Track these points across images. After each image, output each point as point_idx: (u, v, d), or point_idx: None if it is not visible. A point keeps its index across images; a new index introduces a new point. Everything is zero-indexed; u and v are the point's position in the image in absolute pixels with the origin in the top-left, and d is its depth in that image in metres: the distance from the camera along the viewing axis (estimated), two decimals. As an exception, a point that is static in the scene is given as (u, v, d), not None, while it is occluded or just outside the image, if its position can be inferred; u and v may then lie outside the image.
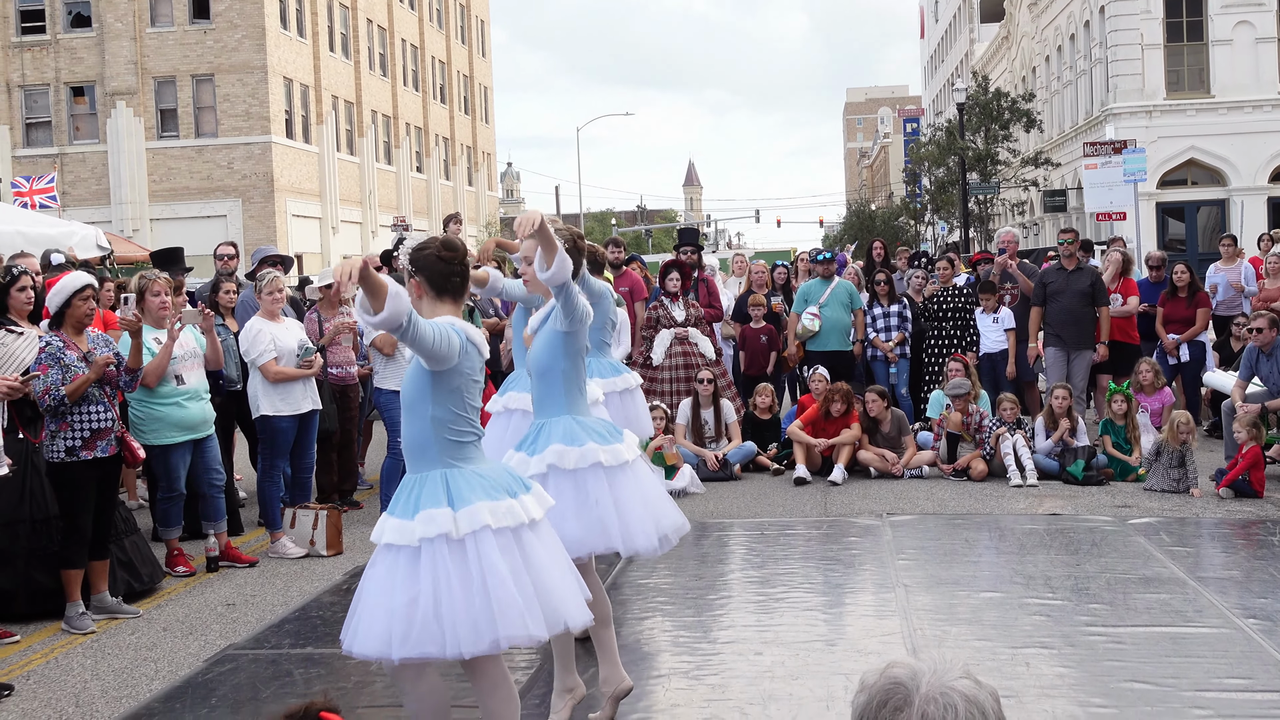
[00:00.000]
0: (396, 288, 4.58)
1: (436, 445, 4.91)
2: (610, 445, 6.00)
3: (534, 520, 4.95)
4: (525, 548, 4.87)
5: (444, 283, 5.05)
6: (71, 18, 46.48)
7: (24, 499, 8.46)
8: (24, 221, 15.83)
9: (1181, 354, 14.69)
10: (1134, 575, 8.66)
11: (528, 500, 4.97)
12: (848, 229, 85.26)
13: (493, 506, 4.82)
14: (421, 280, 5.04)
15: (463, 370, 4.88)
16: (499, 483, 4.93)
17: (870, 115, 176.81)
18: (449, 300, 5.07)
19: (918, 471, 12.99)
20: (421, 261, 5.04)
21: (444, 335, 4.75)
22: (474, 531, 4.75)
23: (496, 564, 4.74)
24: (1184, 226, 39.37)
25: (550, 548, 5.02)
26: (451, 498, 4.82)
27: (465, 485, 4.85)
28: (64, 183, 42.69)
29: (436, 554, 4.73)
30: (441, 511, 4.77)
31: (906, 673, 2.16)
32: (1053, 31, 50.11)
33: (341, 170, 51.67)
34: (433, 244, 5.07)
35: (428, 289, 5.05)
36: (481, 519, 4.77)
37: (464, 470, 4.90)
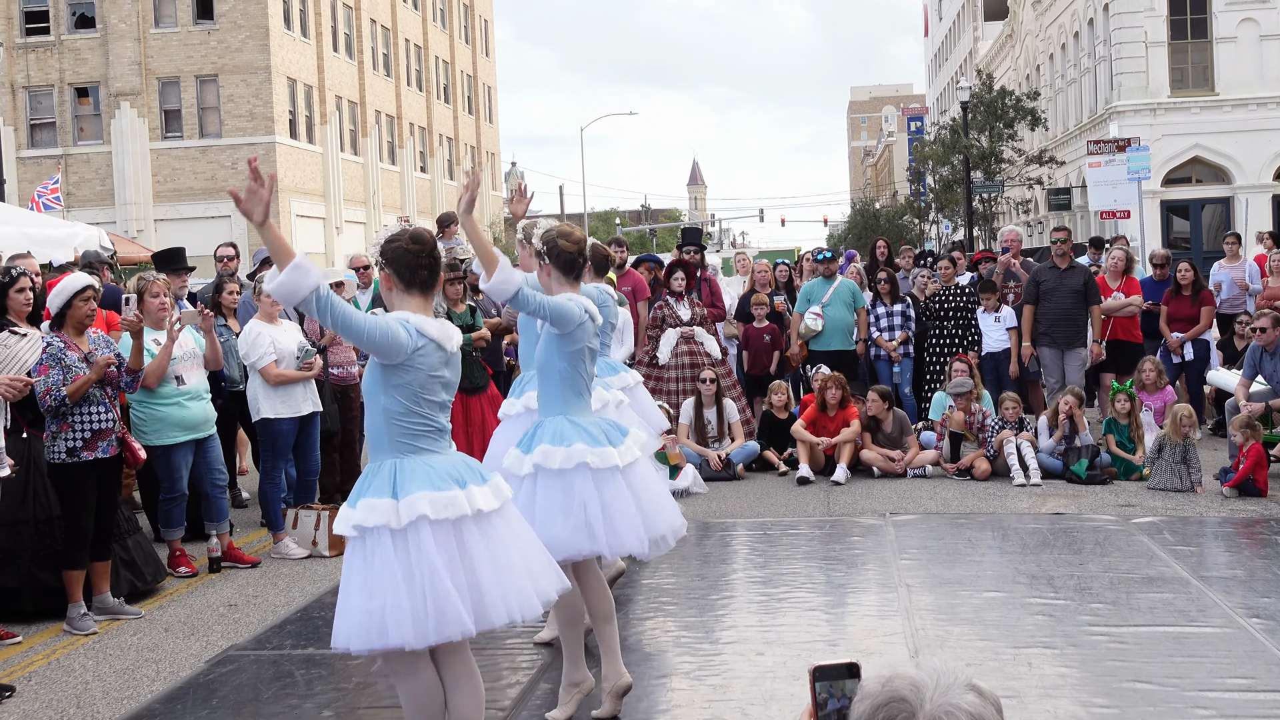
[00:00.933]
0: (304, 259, 4.69)
1: (388, 436, 4.93)
2: (601, 447, 5.96)
3: (480, 511, 4.89)
4: (465, 540, 4.84)
5: (412, 275, 5.03)
6: (75, 18, 46.53)
7: (27, 499, 8.46)
8: (27, 222, 15.84)
9: (1186, 352, 14.66)
10: (1137, 575, 8.65)
11: (478, 491, 4.93)
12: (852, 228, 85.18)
13: (433, 497, 4.80)
14: (390, 273, 5.05)
15: (416, 365, 4.88)
16: (448, 473, 4.90)
17: (874, 113, 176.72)
18: (417, 293, 5.05)
19: (921, 471, 12.98)
20: (391, 254, 5.04)
21: (383, 327, 4.80)
22: (412, 522, 4.75)
23: (432, 557, 4.73)
24: (1188, 224, 39.31)
25: (498, 540, 4.95)
26: (395, 488, 4.82)
27: (409, 475, 4.85)
28: (68, 184, 42.76)
29: (380, 545, 4.76)
30: (383, 501, 4.79)
31: (909, 687, 2.12)
32: (1056, 29, 50.06)
33: (345, 170, 51.69)
34: (401, 237, 5.07)
35: (396, 281, 5.05)
36: (419, 509, 4.76)
37: (412, 460, 4.90)
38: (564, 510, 5.89)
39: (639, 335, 14.58)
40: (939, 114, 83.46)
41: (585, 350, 6.15)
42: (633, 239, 71.80)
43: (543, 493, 5.87)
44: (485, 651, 7.13)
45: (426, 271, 5.06)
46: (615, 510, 5.96)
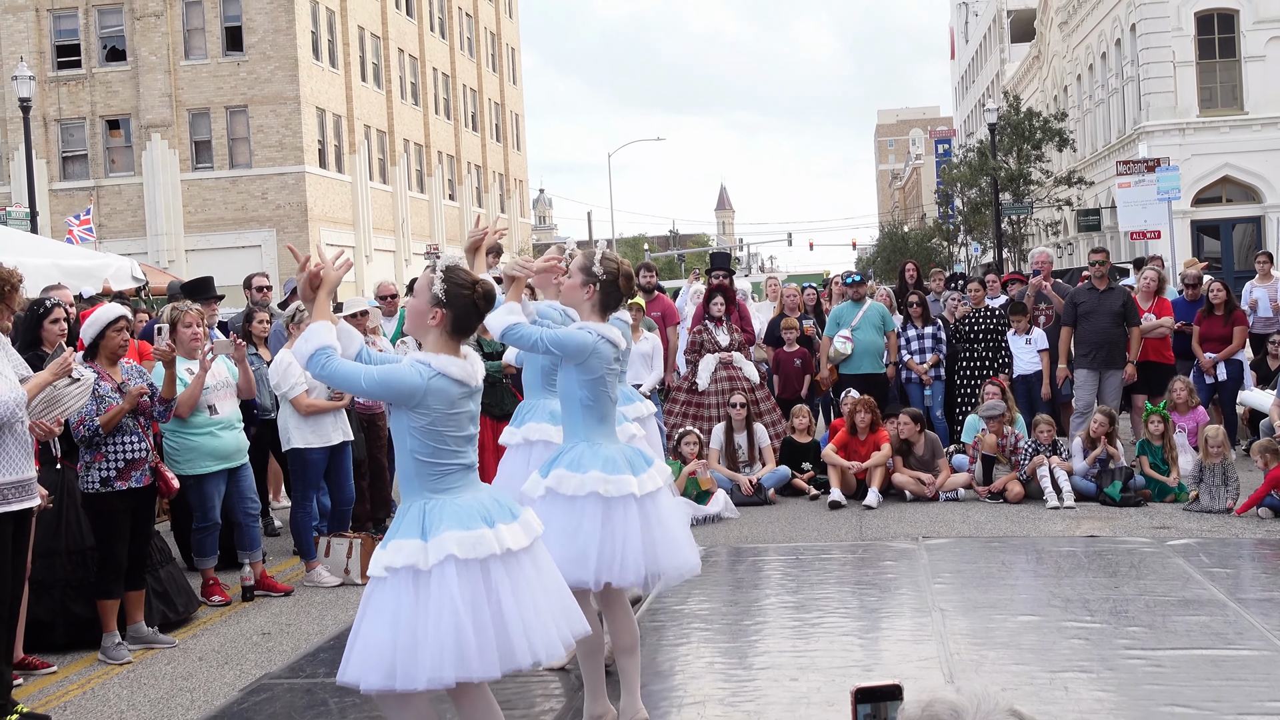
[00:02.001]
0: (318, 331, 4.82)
1: (417, 477, 4.95)
2: (618, 475, 5.94)
3: (510, 550, 4.89)
4: (491, 580, 4.82)
5: (467, 324, 5.06)
6: (106, 52, 46.93)
7: (60, 530, 8.50)
8: (60, 254, 15.95)
9: (1219, 373, 14.57)
10: (1173, 597, 8.58)
11: (507, 530, 4.92)
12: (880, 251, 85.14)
13: (461, 537, 4.80)
14: (447, 314, 5.01)
15: (430, 408, 4.87)
16: (477, 512, 4.90)
17: (902, 136, 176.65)
18: (460, 339, 5.07)
19: (953, 494, 12.92)
20: (457, 299, 5.01)
21: (385, 384, 4.86)
22: (439, 562, 4.75)
23: (454, 598, 4.72)
24: (1219, 244, 39.14)
25: (525, 580, 4.94)
26: (425, 528, 4.83)
27: (438, 515, 4.85)
28: (100, 215, 43.09)
29: (403, 585, 4.76)
30: (411, 543, 4.80)
31: (949, 711, 2.11)
32: (1084, 50, 49.98)
33: (374, 199, 51.92)
34: (469, 285, 5.03)
35: (449, 324, 5.02)
36: (446, 548, 4.77)
37: (442, 500, 4.91)
38: (568, 537, 5.87)
39: (669, 360, 14.60)
40: (966, 136, 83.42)
41: (605, 378, 6.12)
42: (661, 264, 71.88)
43: (545, 517, 5.81)
44: (519, 678, 7.12)
45: (479, 323, 5.14)
46: (619, 541, 5.93)
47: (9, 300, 7.15)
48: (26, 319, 8.48)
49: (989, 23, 78.25)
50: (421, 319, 5.04)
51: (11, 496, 7.05)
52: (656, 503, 6.08)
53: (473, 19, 66.68)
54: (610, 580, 5.93)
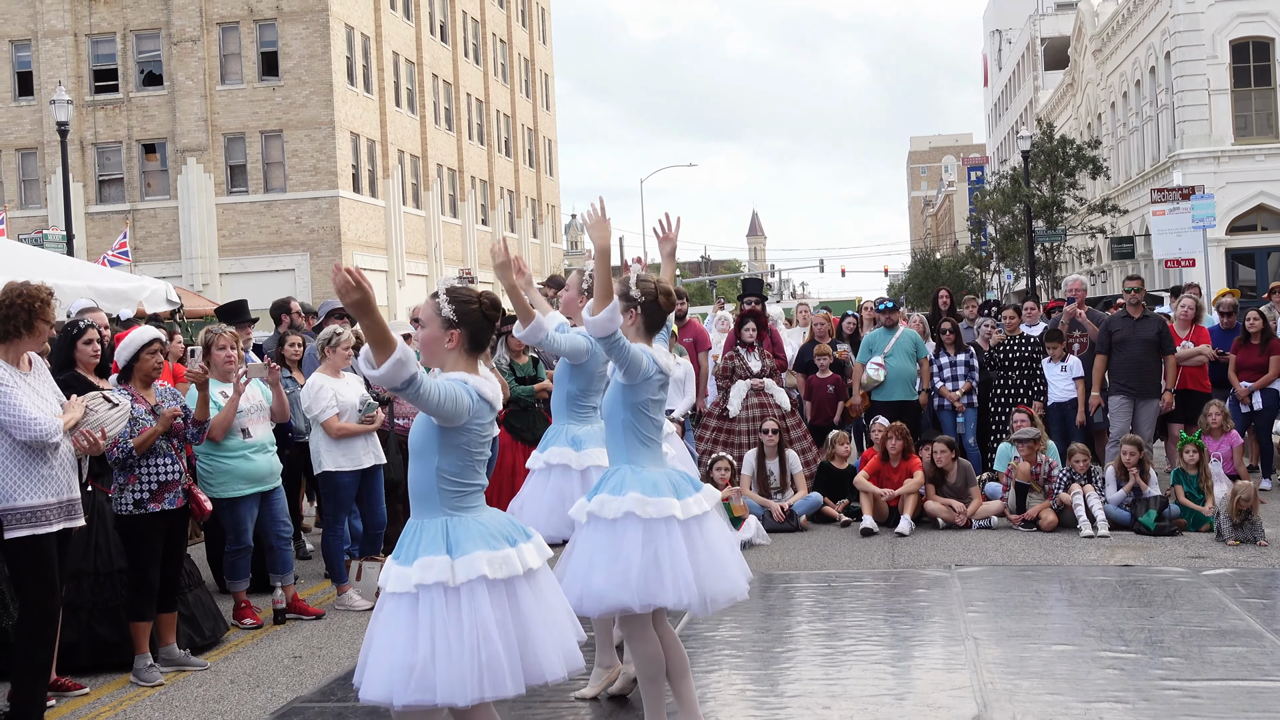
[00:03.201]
0: (404, 351, 4.66)
1: (439, 494, 4.97)
2: (659, 498, 5.95)
3: (530, 570, 4.99)
4: (518, 599, 4.92)
5: (482, 339, 5.11)
6: (143, 76, 47.36)
7: (89, 551, 8.52)
8: (95, 276, 16.04)
9: (1255, 402, 14.46)
10: (1209, 627, 8.51)
11: (526, 549, 5.01)
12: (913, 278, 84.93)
13: (490, 556, 4.87)
14: (462, 333, 5.06)
15: (471, 427, 4.95)
16: (499, 531, 4.99)
17: (934, 163, 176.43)
18: (476, 356, 5.12)
19: (986, 522, 12.85)
20: (468, 316, 5.06)
21: (452, 396, 4.85)
22: (469, 581, 4.82)
23: (486, 617, 4.79)
24: (1254, 272, 38.91)
25: (542, 598, 5.03)
26: (450, 545, 4.88)
27: (464, 534, 4.91)
28: (135, 238, 43.42)
29: (434, 602, 4.80)
30: (439, 559, 4.84)
31: None
32: (1118, 78, 49.87)
33: (408, 223, 52.14)
34: (476, 299, 5.08)
35: (464, 342, 5.07)
36: (479, 569, 4.83)
37: (464, 518, 4.96)
38: (610, 560, 5.89)
39: (700, 386, 14.58)
40: (999, 163, 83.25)
41: (650, 401, 6.13)
42: (693, 290, 71.87)
43: (589, 542, 5.91)
44: (549, 704, 7.11)
45: (495, 336, 5.13)
46: (662, 563, 5.89)
47: (43, 315, 7.17)
48: (60, 340, 8.52)
49: (1022, 50, 78.17)
50: (438, 345, 5.09)
51: (54, 517, 7.10)
52: (704, 526, 6.06)
53: (507, 45, 67.00)
54: (655, 603, 5.89)
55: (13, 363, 7.10)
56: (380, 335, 4.67)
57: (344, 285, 4.56)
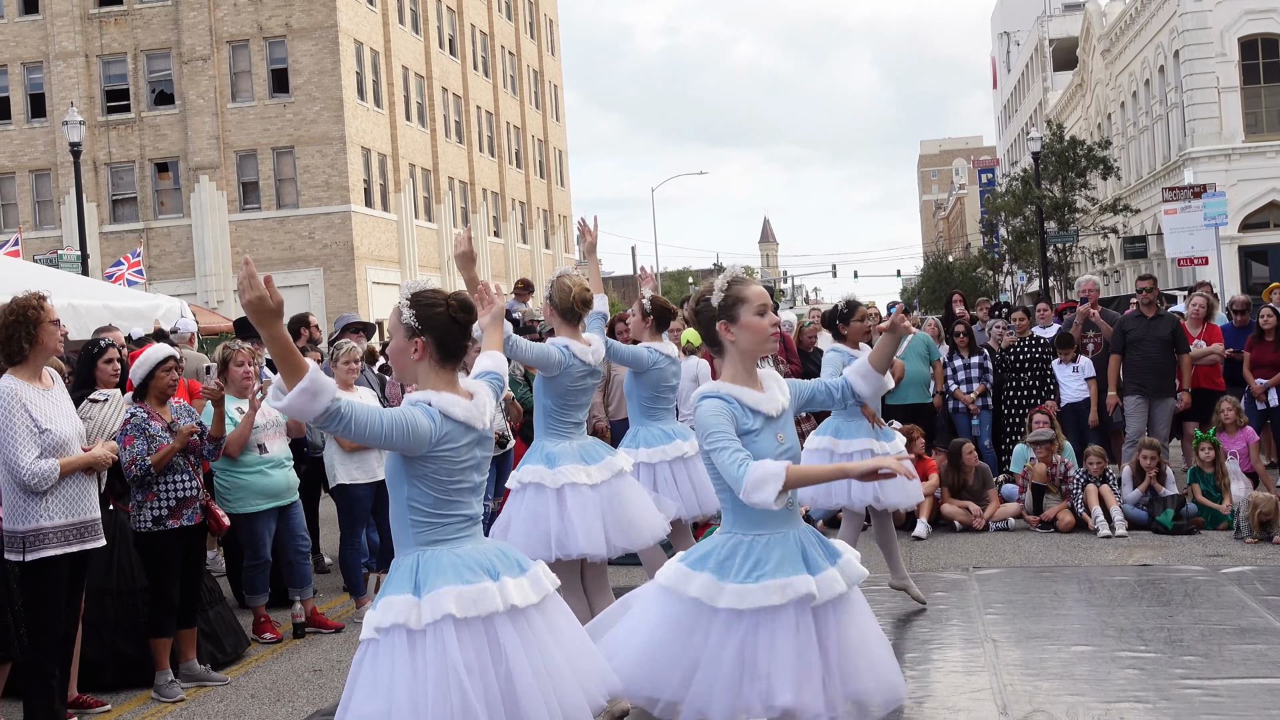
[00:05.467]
0: (315, 380, 4.05)
1: (411, 527, 4.41)
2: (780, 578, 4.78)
3: (515, 607, 4.32)
4: (499, 640, 4.27)
5: (454, 347, 4.50)
6: (155, 95, 47.54)
7: (111, 570, 8.56)
8: (110, 295, 16.11)
9: (1270, 399, 14.42)
10: (1229, 626, 8.50)
11: (513, 584, 4.36)
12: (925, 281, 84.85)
13: (460, 592, 4.25)
14: (428, 341, 4.46)
15: (438, 455, 4.34)
16: (478, 563, 4.36)
17: (945, 166, 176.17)
18: (451, 367, 4.52)
19: (1003, 524, 12.84)
20: (432, 321, 4.46)
21: (400, 425, 4.25)
22: (435, 622, 4.20)
23: (455, 662, 4.17)
24: (1267, 269, 38.82)
25: (538, 639, 4.37)
26: (417, 583, 4.30)
27: (434, 569, 4.32)
28: (149, 256, 43.59)
29: (395, 647, 4.25)
30: (401, 599, 4.28)
31: None
32: (1127, 77, 49.81)
33: (420, 237, 52.25)
34: (442, 302, 4.49)
35: (433, 352, 4.47)
36: (444, 607, 4.21)
37: (436, 552, 4.38)
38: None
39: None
40: (1010, 165, 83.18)
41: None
42: (706, 298, 71.80)
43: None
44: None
45: (469, 343, 4.57)
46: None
47: (42, 320, 7.09)
48: (81, 359, 8.59)
49: (1031, 51, 78.11)
50: (404, 357, 4.51)
51: (73, 538, 7.12)
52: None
53: (515, 57, 67.13)
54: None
55: (32, 380, 7.12)
56: (284, 355, 4.04)
57: (242, 283, 4.01)
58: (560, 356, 7.09)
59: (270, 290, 3.99)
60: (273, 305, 3.99)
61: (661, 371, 8.28)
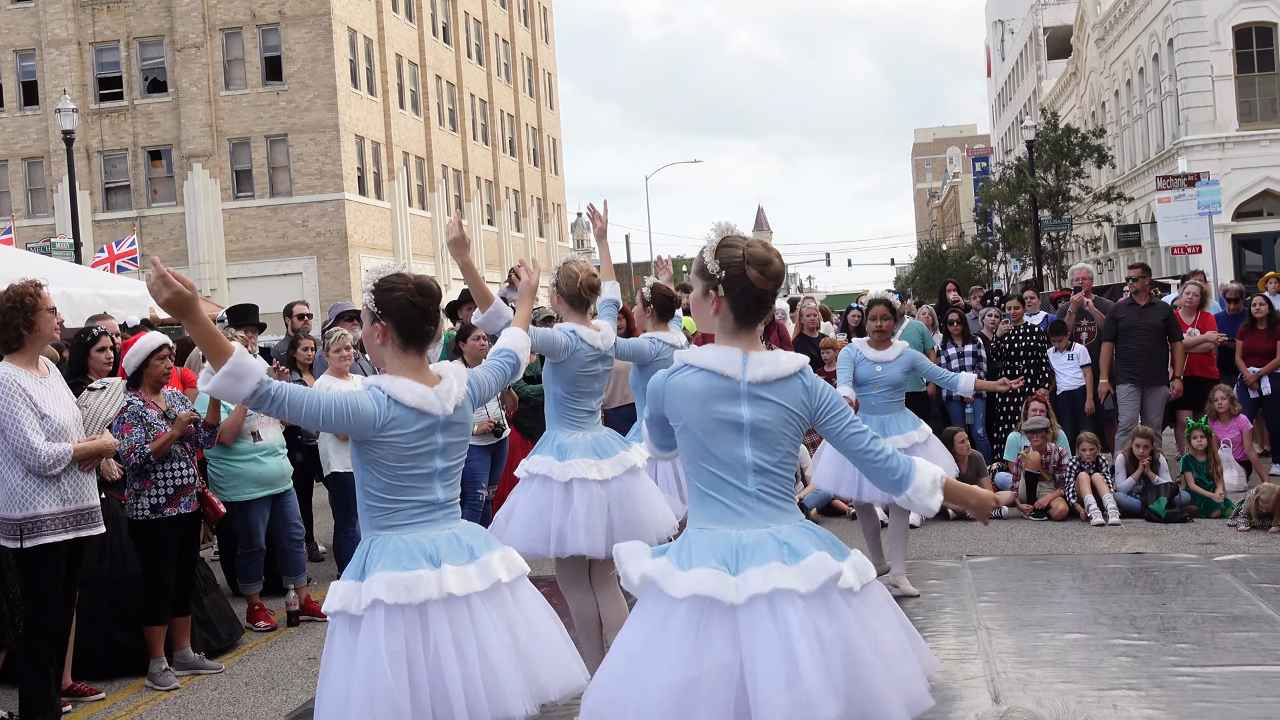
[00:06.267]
0: (240, 363, 4.13)
1: (367, 511, 4.48)
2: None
3: (451, 595, 4.30)
4: (430, 626, 4.28)
5: (415, 331, 4.52)
6: (147, 83, 47.44)
7: (104, 558, 8.55)
8: (104, 284, 16.08)
9: (1263, 387, 14.45)
10: (1222, 613, 8.52)
11: (454, 572, 4.35)
12: (919, 269, 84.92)
13: (391, 579, 4.28)
14: (389, 326, 4.51)
15: (384, 440, 4.38)
16: (421, 550, 4.37)
17: (939, 155, 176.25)
18: (415, 351, 4.54)
19: (997, 512, 12.84)
20: (391, 306, 4.50)
21: (340, 408, 4.30)
22: (369, 607, 4.27)
23: (380, 649, 4.21)
24: (1260, 258, 38.86)
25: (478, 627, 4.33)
26: (365, 568, 4.37)
27: (379, 554, 4.37)
28: (143, 244, 43.46)
29: (337, 630, 4.36)
30: (346, 584, 4.37)
31: None
32: (1121, 66, 49.82)
33: (414, 225, 52.20)
34: (402, 285, 4.53)
35: (394, 337, 4.52)
36: (374, 592, 4.27)
37: (387, 537, 4.42)
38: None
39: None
40: (1004, 154, 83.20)
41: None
42: (699, 286, 71.87)
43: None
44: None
45: (431, 327, 4.57)
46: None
47: (38, 307, 7.08)
48: (74, 348, 8.57)
49: (1025, 40, 78.10)
50: (371, 343, 4.60)
51: (70, 525, 7.12)
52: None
53: (509, 45, 67.04)
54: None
55: (29, 367, 7.11)
56: (209, 341, 4.11)
57: (153, 285, 4.08)
58: (566, 341, 6.88)
59: (182, 281, 4.09)
60: (189, 295, 4.09)
61: (666, 362, 7.94)
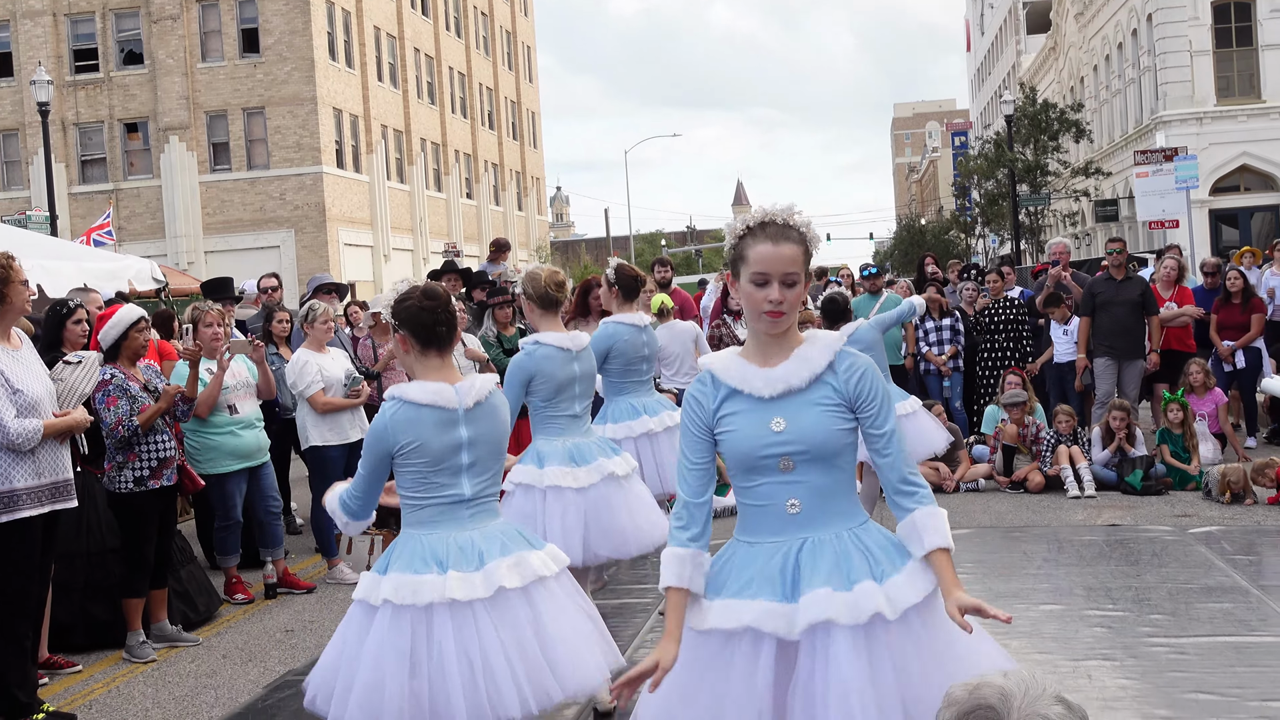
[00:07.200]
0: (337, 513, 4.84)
1: (403, 508, 4.78)
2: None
3: (455, 601, 4.53)
4: (433, 629, 4.52)
5: (430, 335, 4.78)
6: (124, 55, 47.12)
7: (81, 532, 8.53)
8: (82, 257, 16.00)
9: (1237, 360, 14.51)
10: (1196, 585, 8.57)
11: (457, 578, 4.57)
12: (898, 244, 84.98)
13: (400, 581, 4.57)
14: (406, 334, 4.80)
15: (403, 441, 4.66)
16: (434, 553, 4.63)
17: (918, 130, 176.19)
18: (434, 353, 4.81)
19: (974, 485, 12.91)
20: (404, 315, 4.79)
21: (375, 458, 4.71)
22: (381, 604, 4.58)
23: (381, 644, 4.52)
24: (1237, 233, 38.97)
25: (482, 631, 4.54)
26: (388, 564, 4.68)
27: (400, 553, 4.68)
28: (119, 218, 43.28)
29: (354, 616, 4.69)
30: (371, 576, 4.69)
31: (997, 695, 2.12)
32: (1100, 41, 49.81)
33: (392, 198, 52.03)
34: (412, 294, 4.82)
35: (414, 343, 4.80)
36: (383, 593, 4.58)
37: (414, 534, 4.72)
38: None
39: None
40: (983, 128, 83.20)
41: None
42: (678, 259, 71.91)
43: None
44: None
45: (445, 328, 4.81)
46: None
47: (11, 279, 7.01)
48: (49, 320, 8.53)
49: (1005, 14, 78.00)
50: (401, 354, 4.91)
51: (46, 499, 7.09)
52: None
53: (488, 18, 66.76)
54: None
55: (1, 339, 7.06)
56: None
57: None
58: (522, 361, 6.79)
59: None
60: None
61: (629, 344, 8.05)
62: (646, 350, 8.19)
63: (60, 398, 7.45)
